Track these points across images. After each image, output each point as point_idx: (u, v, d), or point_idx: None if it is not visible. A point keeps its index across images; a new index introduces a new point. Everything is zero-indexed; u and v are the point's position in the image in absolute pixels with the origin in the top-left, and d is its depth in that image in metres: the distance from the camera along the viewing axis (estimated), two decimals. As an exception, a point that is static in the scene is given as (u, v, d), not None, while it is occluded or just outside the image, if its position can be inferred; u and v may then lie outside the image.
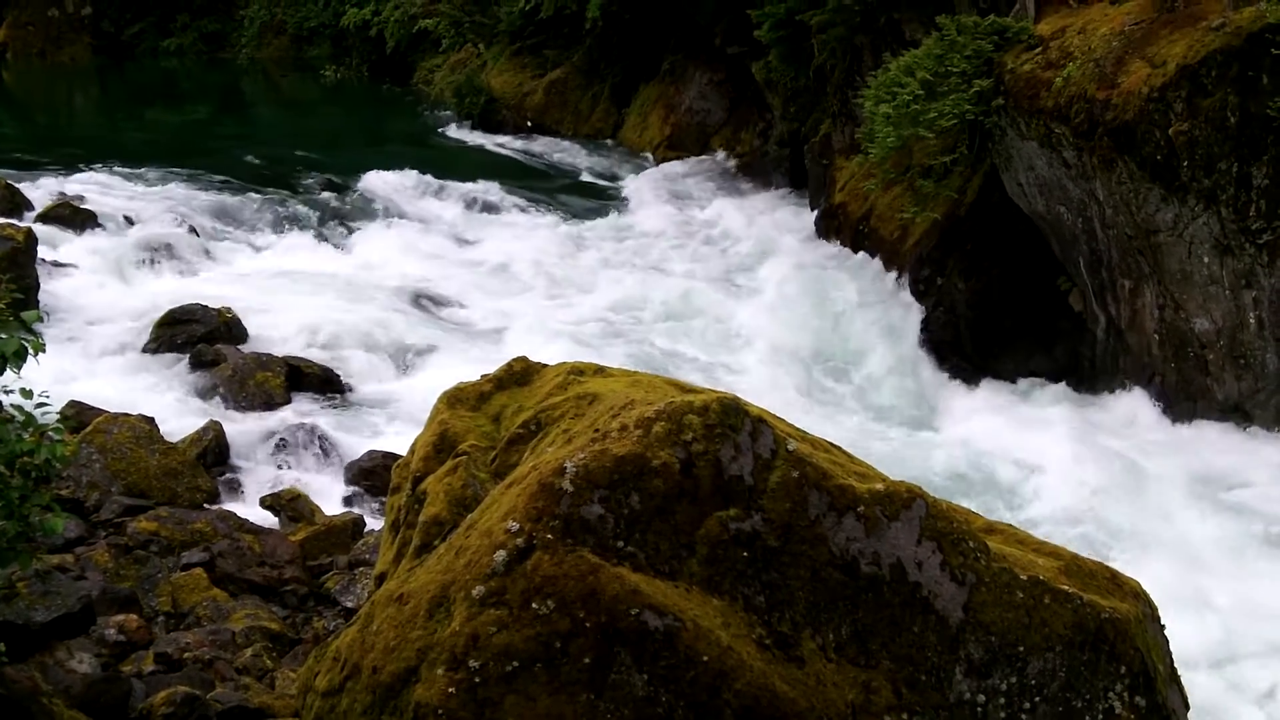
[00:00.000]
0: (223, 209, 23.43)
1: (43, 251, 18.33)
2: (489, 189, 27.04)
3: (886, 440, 16.93)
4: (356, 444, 14.68)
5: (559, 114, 35.69)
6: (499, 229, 24.67)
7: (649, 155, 31.81)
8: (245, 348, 16.73)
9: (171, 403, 15.17)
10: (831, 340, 19.81)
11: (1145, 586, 6.95)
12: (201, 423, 14.30)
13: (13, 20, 52.71)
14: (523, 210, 26.10)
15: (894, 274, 20.54)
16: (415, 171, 27.06)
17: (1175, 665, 6.96)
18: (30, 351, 7.37)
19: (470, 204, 26.06)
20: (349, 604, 10.93)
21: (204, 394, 15.57)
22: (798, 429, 6.57)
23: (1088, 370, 18.23)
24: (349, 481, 13.96)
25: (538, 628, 5.58)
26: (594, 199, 28.26)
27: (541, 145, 34.09)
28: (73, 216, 21.23)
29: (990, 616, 6.14)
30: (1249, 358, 15.59)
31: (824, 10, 22.45)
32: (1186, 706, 6.92)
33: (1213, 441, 15.90)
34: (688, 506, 5.90)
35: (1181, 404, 16.52)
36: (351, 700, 6.00)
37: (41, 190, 23.06)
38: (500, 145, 34.55)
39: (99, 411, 13.60)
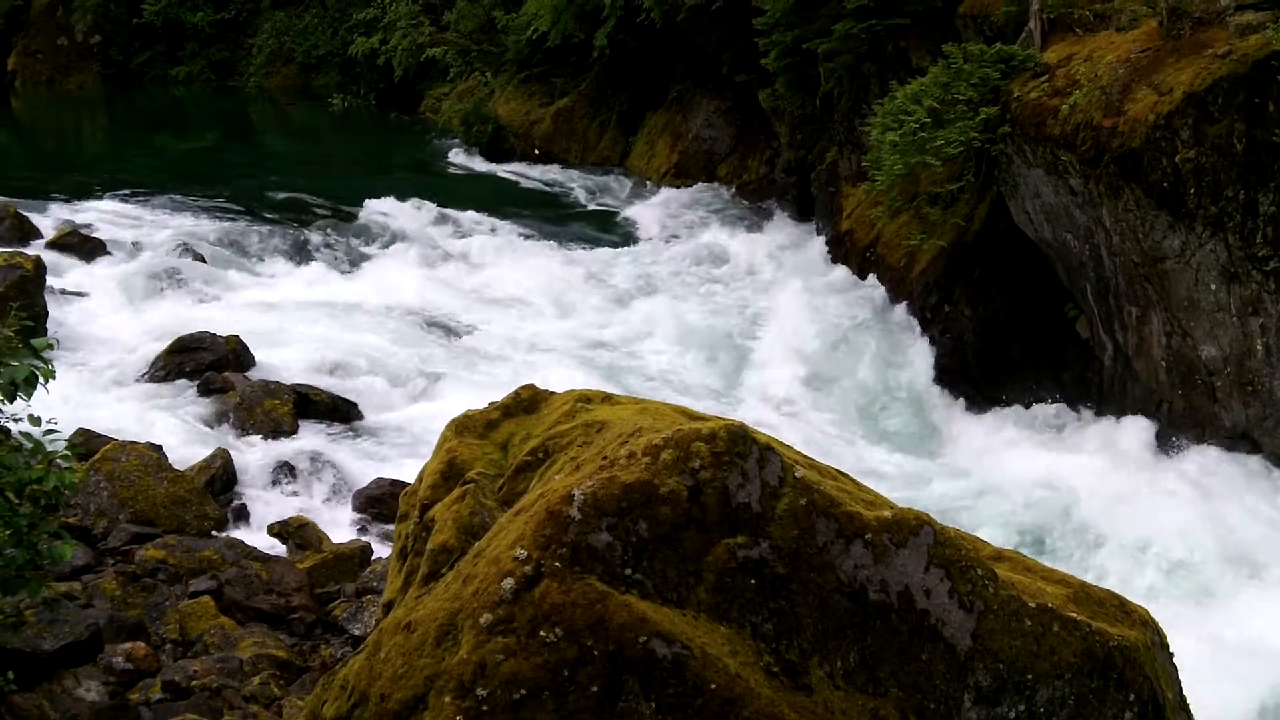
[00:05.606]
0: (230, 237, 23.45)
1: (52, 279, 18.37)
2: (496, 216, 27.08)
3: (894, 467, 16.93)
4: (364, 471, 14.69)
5: (566, 142, 35.76)
6: (506, 256, 24.68)
7: (656, 183, 31.83)
8: (253, 375, 16.75)
9: (179, 430, 15.17)
10: (838, 367, 19.80)
11: (1152, 614, 6.94)
12: (209, 450, 14.32)
13: (22, 48, 52.92)
14: (530, 238, 26.12)
15: (901, 301, 20.56)
16: (422, 199, 27.09)
17: (1184, 693, 6.94)
18: (40, 378, 7.39)
19: (478, 231, 26.06)
20: (356, 632, 10.94)
21: (212, 422, 15.57)
22: (805, 456, 6.57)
23: (1095, 397, 18.22)
24: (357, 509, 13.97)
25: (545, 655, 5.57)
26: (601, 226, 28.29)
27: (549, 173, 34.14)
28: (81, 244, 21.29)
29: (999, 644, 6.13)
30: (1256, 385, 15.57)
31: (831, 38, 22.50)
32: (1195, 735, 6.91)
33: (1220, 469, 15.88)
34: (695, 534, 5.89)
35: (1189, 431, 16.51)
36: (359, 728, 5.98)
37: (51, 218, 23.12)
38: (508, 173, 34.61)
39: (107, 439, 13.62)
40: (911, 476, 16.54)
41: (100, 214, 24.41)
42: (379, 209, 26.46)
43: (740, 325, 21.50)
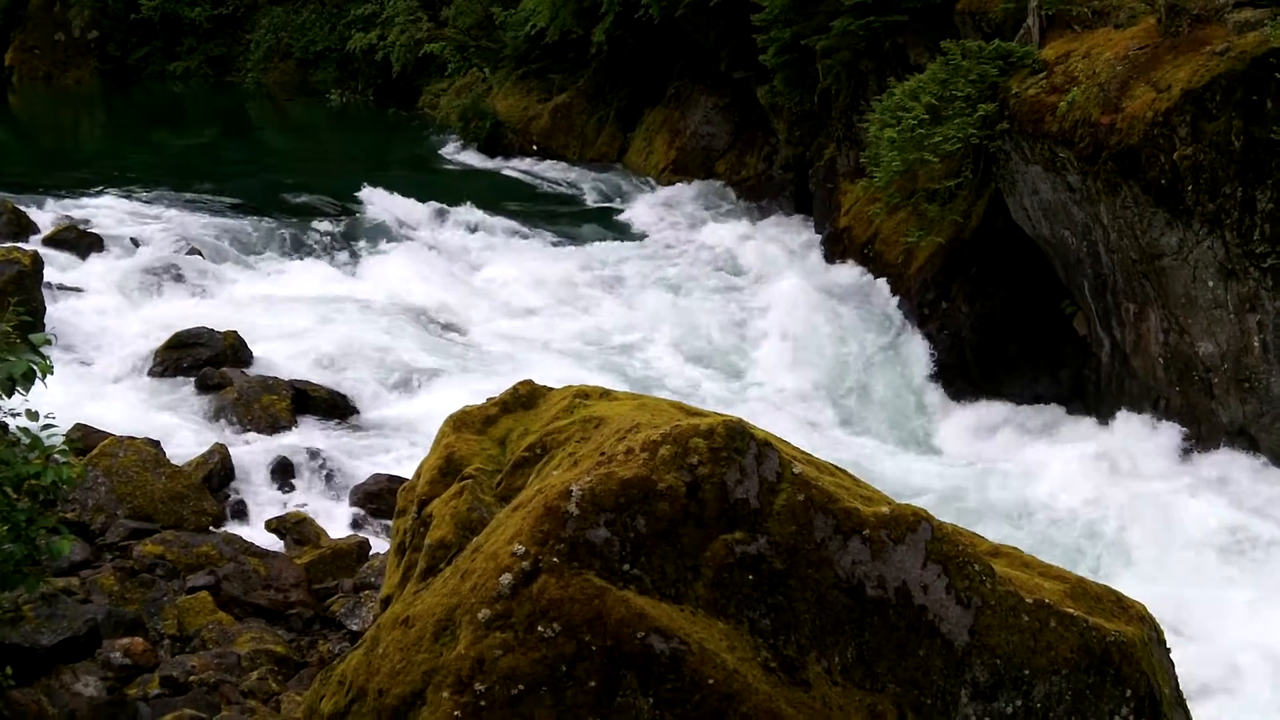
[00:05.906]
0: (228, 232, 23.40)
1: (49, 275, 18.34)
2: (495, 213, 27.01)
3: (892, 463, 16.92)
4: (362, 467, 14.68)
5: (564, 138, 35.72)
6: (504, 252, 24.62)
7: (654, 179, 31.79)
8: (251, 371, 16.74)
9: (177, 426, 15.17)
10: (836, 364, 19.80)
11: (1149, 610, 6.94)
12: (207, 446, 14.32)
13: (19, 44, 52.82)
14: (528, 234, 26.07)
15: (899, 298, 20.56)
16: (421, 195, 27.04)
17: (1180, 689, 6.95)
18: (39, 373, 7.38)
19: (476, 228, 25.98)
20: (354, 627, 10.94)
21: (210, 417, 15.57)
22: (803, 452, 6.57)
23: (1092, 394, 18.23)
24: (354, 504, 13.97)
25: (543, 651, 5.57)
26: (599, 223, 28.22)
27: (547, 169, 34.09)
28: (79, 240, 21.23)
29: (996, 640, 6.14)
30: (1254, 381, 15.58)
31: (829, 35, 22.50)
32: (1192, 730, 6.91)
33: (1218, 466, 15.89)
34: (693, 530, 5.89)
35: (1186, 428, 16.51)
36: (357, 723, 5.98)
37: (48, 213, 23.03)
38: (506, 169, 34.54)
39: (105, 434, 13.62)
40: (909, 472, 16.54)
41: (98, 209, 24.32)
42: (377, 205, 26.42)
43: (737, 321, 21.47)
